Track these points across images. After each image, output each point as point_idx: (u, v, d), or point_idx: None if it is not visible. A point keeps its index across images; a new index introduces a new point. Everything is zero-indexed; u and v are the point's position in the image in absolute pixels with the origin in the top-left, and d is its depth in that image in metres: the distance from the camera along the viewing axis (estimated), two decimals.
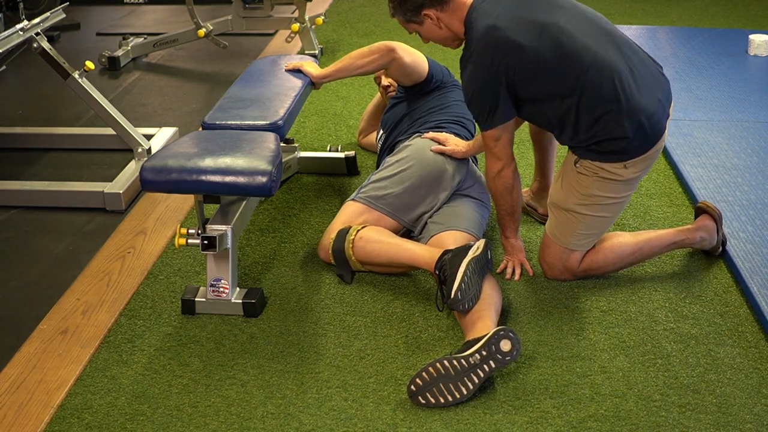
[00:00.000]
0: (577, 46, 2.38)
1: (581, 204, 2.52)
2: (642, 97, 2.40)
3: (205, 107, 4.34)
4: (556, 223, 2.59)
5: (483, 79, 2.43)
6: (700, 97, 4.25)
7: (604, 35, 2.44)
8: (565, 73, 2.37)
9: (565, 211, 2.55)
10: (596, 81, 2.36)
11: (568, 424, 2.05)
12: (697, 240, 2.69)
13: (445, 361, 2.11)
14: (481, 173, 2.93)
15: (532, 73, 2.39)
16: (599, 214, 2.53)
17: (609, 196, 2.50)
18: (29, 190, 3.30)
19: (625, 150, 2.41)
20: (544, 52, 2.36)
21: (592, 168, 2.47)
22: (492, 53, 2.39)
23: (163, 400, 2.15)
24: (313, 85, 3.10)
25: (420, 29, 2.60)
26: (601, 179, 2.47)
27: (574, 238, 2.56)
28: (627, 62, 2.41)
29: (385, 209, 2.73)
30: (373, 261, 2.61)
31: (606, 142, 2.40)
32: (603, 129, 2.39)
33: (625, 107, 2.37)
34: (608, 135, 2.39)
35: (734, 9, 6.33)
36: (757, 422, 2.05)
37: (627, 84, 2.38)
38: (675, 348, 2.33)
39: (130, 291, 2.65)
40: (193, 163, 2.37)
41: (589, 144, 2.43)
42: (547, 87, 2.41)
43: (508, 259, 2.72)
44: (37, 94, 4.70)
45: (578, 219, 2.53)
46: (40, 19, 3.47)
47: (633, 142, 2.40)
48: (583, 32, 2.41)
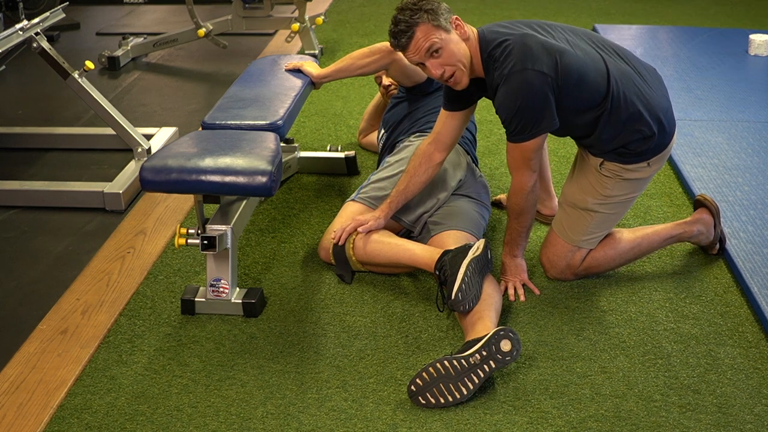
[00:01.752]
0: (593, 58, 2.38)
1: (600, 203, 2.54)
2: (656, 96, 2.45)
3: (205, 107, 4.34)
4: (568, 221, 2.59)
5: (536, 86, 2.30)
6: (700, 97, 4.25)
7: (604, 46, 2.47)
8: (592, 86, 2.37)
9: (582, 210, 2.56)
10: (619, 88, 2.38)
11: (568, 425, 2.05)
12: (694, 233, 2.70)
13: (446, 362, 2.11)
14: (481, 173, 2.93)
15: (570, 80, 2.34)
16: (613, 212, 2.56)
17: (626, 194, 2.54)
18: (29, 190, 3.30)
19: (650, 148, 2.45)
20: (579, 57, 2.36)
21: (617, 170, 2.49)
22: (546, 60, 2.29)
23: (163, 400, 2.15)
24: (313, 85, 3.10)
25: (442, 41, 2.35)
26: (623, 180, 2.50)
27: (584, 236, 2.57)
28: (633, 67, 2.46)
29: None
30: (373, 261, 2.61)
31: (634, 143, 2.43)
32: (631, 131, 2.41)
33: (647, 107, 2.41)
34: (636, 136, 2.42)
35: (734, 9, 6.33)
36: (757, 422, 2.05)
37: (642, 86, 2.42)
38: (675, 348, 2.33)
39: (130, 291, 2.64)
40: (193, 163, 2.37)
41: (618, 147, 2.45)
42: (578, 101, 2.38)
43: (510, 280, 2.59)
44: (37, 94, 4.70)
45: (594, 217, 2.55)
46: (39, 19, 3.47)
47: (656, 139, 2.44)
48: (588, 45, 2.42)
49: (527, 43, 2.31)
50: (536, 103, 2.32)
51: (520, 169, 2.44)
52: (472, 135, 3.04)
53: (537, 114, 2.34)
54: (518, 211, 2.51)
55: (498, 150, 3.63)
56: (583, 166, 2.58)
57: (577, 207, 2.57)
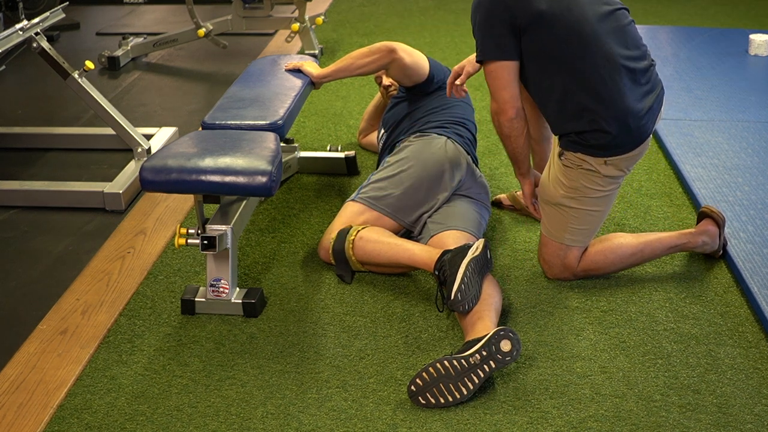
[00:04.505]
0: (586, 27, 2.39)
1: (569, 197, 2.52)
2: (634, 100, 2.42)
3: (205, 107, 4.34)
4: (549, 220, 2.60)
5: (491, 7, 2.44)
6: (700, 97, 4.24)
7: (611, 21, 2.44)
8: (568, 44, 2.39)
9: (554, 206, 2.56)
10: (596, 71, 2.39)
11: (568, 425, 2.05)
12: (699, 244, 2.69)
13: (445, 362, 2.11)
14: (481, 173, 2.93)
15: (540, 26, 2.39)
16: (589, 208, 2.53)
17: (594, 188, 2.51)
18: (29, 190, 3.30)
19: (607, 146, 2.43)
20: (555, 13, 2.38)
21: (576, 160, 2.49)
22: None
23: (163, 400, 2.15)
24: (313, 85, 3.10)
25: None
26: (584, 171, 2.49)
27: (568, 233, 2.57)
28: (629, 61, 2.42)
29: (384, 210, 2.73)
30: (372, 261, 2.61)
31: (590, 133, 2.42)
32: (588, 119, 2.41)
33: (614, 105, 2.39)
34: (593, 126, 2.41)
35: (734, 9, 6.33)
36: (757, 422, 2.05)
37: (623, 84, 2.40)
38: (675, 348, 2.33)
39: (130, 291, 2.64)
40: (193, 163, 2.37)
41: (574, 132, 2.45)
42: (552, 47, 2.41)
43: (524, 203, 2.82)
44: (36, 94, 4.70)
45: (569, 213, 2.54)
46: (39, 19, 3.47)
47: (616, 139, 2.42)
48: (593, 12, 2.42)
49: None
50: (483, 20, 2.46)
51: (491, 93, 2.57)
52: (472, 135, 3.04)
53: (482, 33, 2.48)
54: (499, 134, 2.65)
55: (498, 150, 3.63)
56: (551, 160, 2.61)
57: (549, 203, 2.58)
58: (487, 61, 2.51)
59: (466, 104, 3.12)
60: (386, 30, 5.73)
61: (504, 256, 2.81)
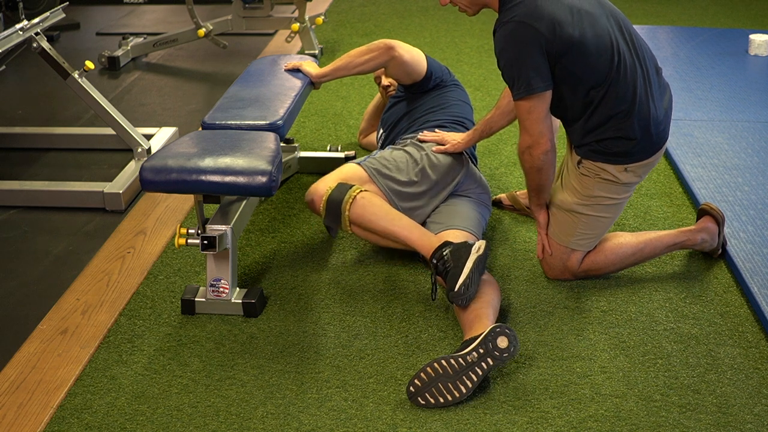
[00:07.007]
0: (606, 41, 2.37)
1: (583, 204, 2.52)
2: (653, 106, 2.43)
3: (205, 107, 4.34)
4: (557, 224, 2.59)
5: (522, 42, 2.33)
6: (700, 97, 4.25)
7: (623, 28, 2.44)
8: (599, 62, 2.36)
9: (567, 212, 2.55)
10: (622, 80, 2.38)
11: (568, 425, 2.05)
12: (698, 241, 2.69)
13: (443, 361, 2.11)
14: (481, 174, 2.93)
15: (572, 51, 2.34)
16: (600, 215, 2.54)
17: (609, 197, 2.51)
18: (29, 190, 3.30)
19: (629, 153, 2.43)
20: (585, 35, 2.35)
21: (594, 169, 2.48)
22: (538, 20, 2.31)
23: (163, 400, 2.15)
24: (312, 85, 3.10)
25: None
26: (602, 180, 2.48)
27: (575, 237, 2.57)
28: (643, 69, 2.44)
29: (383, 187, 2.69)
30: (366, 225, 2.56)
31: (612, 140, 2.42)
32: (614, 127, 2.41)
33: (638, 111, 2.40)
34: (617, 134, 2.41)
35: (734, 9, 6.32)
36: (757, 422, 2.05)
37: (644, 90, 2.41)
38: (675, 348, 2.33)
39: (130, 291, 2.64)
40: (193, 163, 2.37)
41: (595, 141, 2.44)
42: (584, 69, 2.37)
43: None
44: (37, 94, 4.70)
45: (579, 219, 2.54)
46: (39, 19, 3.47)
47: (638, 145, 2.42)
48: (608, 23, 2.40)
49: (540, 4, 2.33)
50: (521, 60, 2.33)
51: (520, 128, 2.46)
52: None
53: (522, 71, 2.34)
54: (528, 167, 2.50)
55: (498, 150, 3.63)
56: (566, 168, 2.59)
57: (561, 208, 2.57)
58: (529, 96, 2.36)
59: (465, 103, 3.12)
60: (386, 30, 5.73)
61: (504, 256, 2.81)
